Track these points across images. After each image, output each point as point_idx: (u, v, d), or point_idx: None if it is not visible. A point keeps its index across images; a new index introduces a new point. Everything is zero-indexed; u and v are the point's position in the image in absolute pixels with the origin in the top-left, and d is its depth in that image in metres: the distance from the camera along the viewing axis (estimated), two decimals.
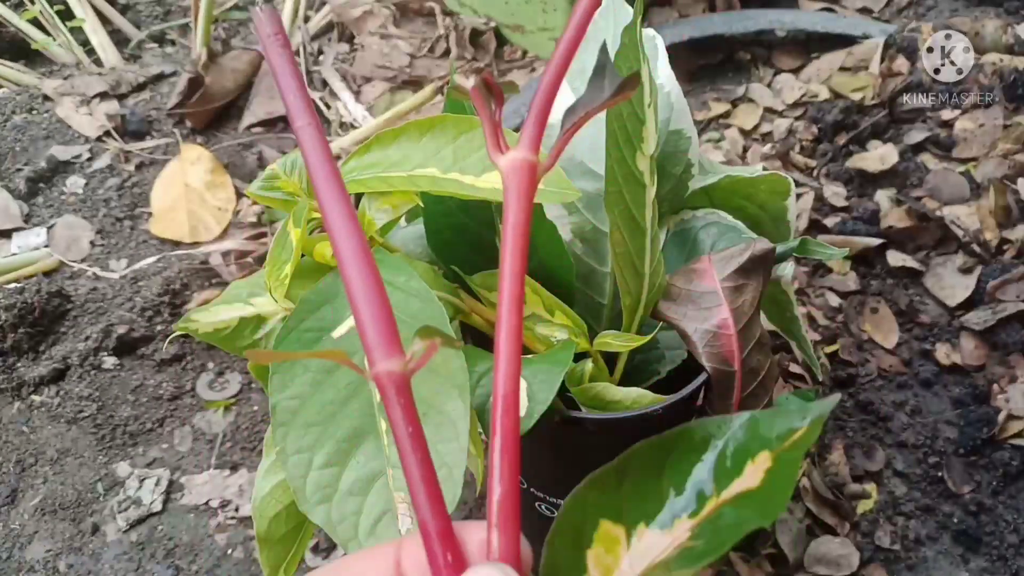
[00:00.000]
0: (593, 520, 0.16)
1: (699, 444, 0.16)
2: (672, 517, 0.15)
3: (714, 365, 0.34)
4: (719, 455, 0.15)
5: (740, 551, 0.49)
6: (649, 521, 0.16)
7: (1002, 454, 0.52)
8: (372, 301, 0.17)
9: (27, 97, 0.78)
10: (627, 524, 0.16)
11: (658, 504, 0.15)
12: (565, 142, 0.17)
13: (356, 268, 0.17)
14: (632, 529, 0.16)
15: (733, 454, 0.15)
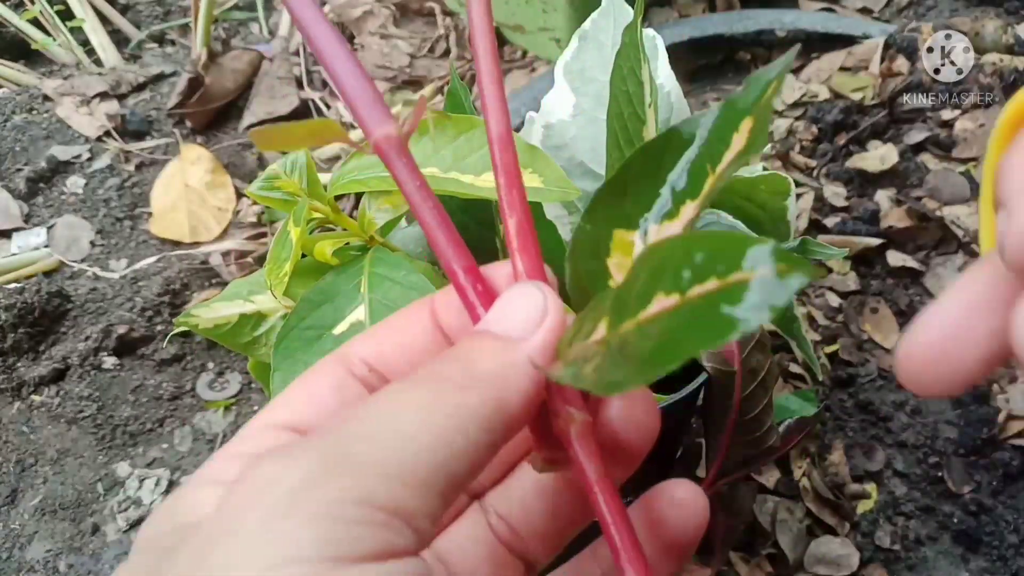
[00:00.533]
0: (607, 231, 0.17)
1: (687, 140, 0.16)
2: (677, 205, 0.16)
3: (714, 365, 0.34)
4: (707, 139, 0.16)
5: (740, 551, 0.49)
6: (657, 218, 0.16)
7: (1002, 454, 0.52)
8: (356, 77, 0.17)
9: (27, 97, 0.78)
10: (638, 228, 0.17)
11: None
12: None
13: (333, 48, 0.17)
14: (645, 231, 0.17)
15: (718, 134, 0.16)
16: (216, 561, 0.12)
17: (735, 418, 0.36)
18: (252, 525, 0.12)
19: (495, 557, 0.19)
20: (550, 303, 0.17)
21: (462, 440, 0.14)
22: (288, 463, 0.13)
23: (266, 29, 0.87)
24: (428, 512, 0.14)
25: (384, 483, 0.13)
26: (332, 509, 0.12)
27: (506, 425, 0.15)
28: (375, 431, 0.14)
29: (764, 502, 0.51)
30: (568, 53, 0.38)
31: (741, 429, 0.37)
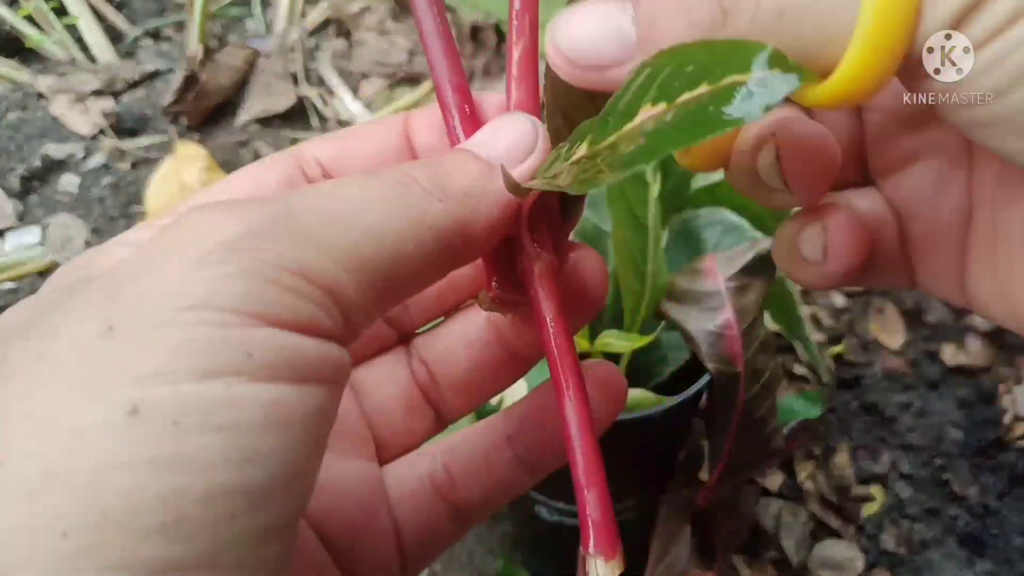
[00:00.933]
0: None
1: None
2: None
3: (717, 366, 0.34)
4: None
5: (743, 554, 0.49)
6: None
7: (1008, 456, 0.52)
8: None
9: (21, 95, 0.77)
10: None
11: None
12: None
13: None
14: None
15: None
16: (129, 293, 0.11)
17: (738, 420, 0.36)
18: (176, 266, 0.12)
19: (408, 399, 0.19)
20: (541, 137, 0.16)
21: (414, 247, 0.14)
22: (226, 216, 0.12)
23: (262, 26, 0.87)
24: (362, 304, 0.13)
25: (325, 259, 0.12)
26: (265, 269, 0.12)
27: (463, 248, 0.15)
28: (326, 206, 0.13)
29: (768, 505, 0.50)
30: None
31: (745, 431, 0.36)
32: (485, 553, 0.50)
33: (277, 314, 0.12)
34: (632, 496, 0.39)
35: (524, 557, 0.49)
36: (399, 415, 0.19)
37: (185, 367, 0.11)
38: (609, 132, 0.13)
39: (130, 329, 0.11)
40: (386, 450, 0.19)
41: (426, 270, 0.14)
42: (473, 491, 0.19)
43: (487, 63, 0.81)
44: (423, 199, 0.14)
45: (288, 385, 0.12)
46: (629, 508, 0.40)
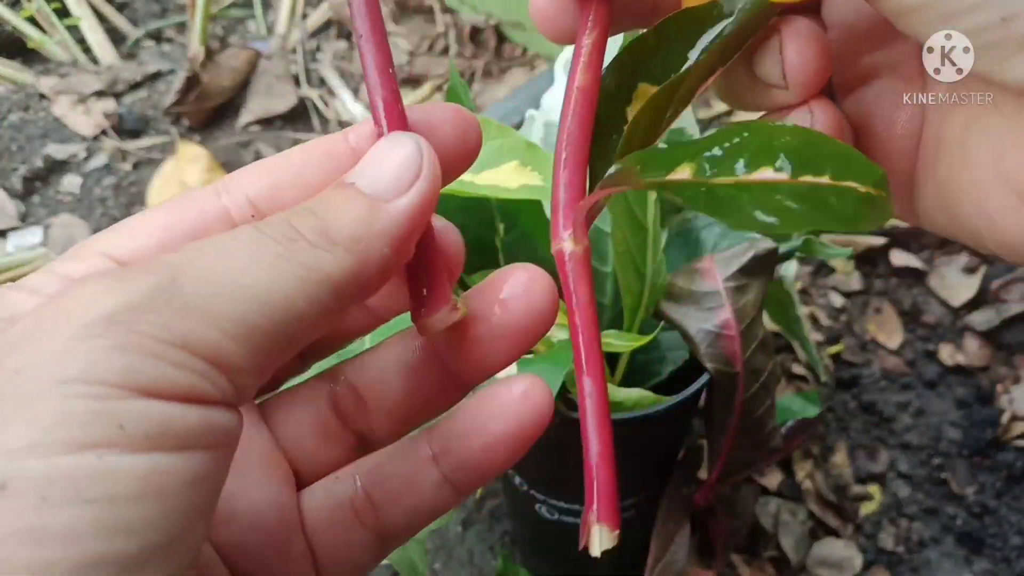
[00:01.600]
0: (631, 82, 0.18)
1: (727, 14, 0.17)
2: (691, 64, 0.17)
3: (716, 366, 0.34)
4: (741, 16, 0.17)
5: (742, 553, 0.49)
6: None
7: (1006, 455, 0.52)
8: None
9: (23, 95, 0.77)
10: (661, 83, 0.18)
11: None
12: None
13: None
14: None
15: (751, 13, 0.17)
16: (10, 364, 0.11)
17: (737, 419, 0.36)
18: (59, 338, 0.12)
19: (324, 427, 0.18)
20: (426, 159, 0.15)
21: (305, 304, 0.13)
22: (112, 287, 0.12)
23: (264, 27, 0.87)
24: (252, 368, 0.13)
25: (208, 329, 0.12)
26: (145, 343, 0.12)
27: (359, 292, 0.15)
28: (211, 272, 0.13)
29: (766, 504, 0.50)
30: (569, 50, 0.38)
31: (743, 430, 0.36)
32: (485, 552, 0.50)
33: (155, 386, 0.12)
34: (632, 495, 0.39)
35: (524, 556, 0.49)
36: (314, 444, 0.18)
37: (57, 440, 0.11)
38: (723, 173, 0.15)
39: (6, 402, 0.11)
40: (303, 476, 0.18)
41: (322, 321, 0.14)
42: (396, 515, 0.18)
43: (487, 64, 0.81)
44: (310, 254, 0.14)
45: (166, 454, 0.12)
46: (628, 507, 0.40)
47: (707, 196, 0.15)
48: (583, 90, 0.17)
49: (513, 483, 0.41)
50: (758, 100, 0.17)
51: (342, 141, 0.17)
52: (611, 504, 0.16)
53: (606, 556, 0.17)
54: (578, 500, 0.39)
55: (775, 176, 0.14)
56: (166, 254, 0.14)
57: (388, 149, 0.16)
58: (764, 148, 0.15)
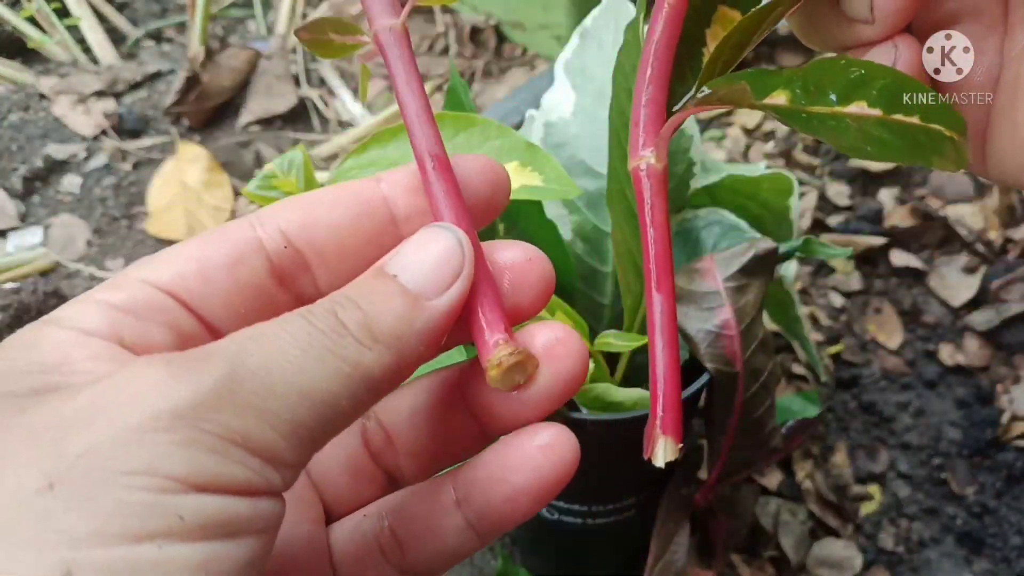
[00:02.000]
0: (712, 4, 0.18)
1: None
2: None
3: (716, 366, 0.34)
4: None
5: (742, 553, 0.49)
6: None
7: (1006, 455, 0.52)
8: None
9: (23, 95, 0.77)
10: (742, 7, 0.18)
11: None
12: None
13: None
14: (747, 11, 0.18)
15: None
16: (72, 449, 0.12)
17: (737, 419, 0.36)
18: (124, 427, 0.12)
19: (356, 465, 0.19)
20: (467, 257, 0.16)
21: (346, 401, 0.14)
22: (177, 376, 0.13)
23: (264, 27, 0.87)
24: (297, 461, 0.14)
25: (264, 428, 0.13)
26: (207, 440, 0.12)
27: (391, 387, 0.15)
28: (267, 368, 0.13)
29: (766, 504, 0.50)
30: (569, 50, 0.38)
31: (743, 430, 0.36)
32: (485, 552, 0.50)
33: (214, 481, 0.12)
34: (631, 495, 0.39)
35: (524, 556, 0.49)
36: (346, 480, 0.19)
37: (119, 530, 0.11)
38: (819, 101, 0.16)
39: (70, 488, 0.12)
40: (332, 511, 0.19)
41: (357, 414, 0.15)
42: (420, 555, 0.18)
43: (487, 64, 0.81)
44: (355, 350, 0.14)
45: (220, 542, 0.12)
46: (628, 507, 0.40)
47: (807, 120, 0.16)
48: (673, 7, 0.17)
49: None
50: (843, 35, 0.17)
51: (374, 186, 0.17)
52: (676, 417, 0.17)
53: (606, 555, 0.17)
54: (579, 500, 0.39)
55: (868, 111, 0.15)
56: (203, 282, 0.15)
57: (431, 242, 0.16)
58: (856, 84, 0.16)
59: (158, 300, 0.15)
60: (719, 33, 0.18)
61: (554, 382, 0.17)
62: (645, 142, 0.17)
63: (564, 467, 0.17)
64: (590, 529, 0.41)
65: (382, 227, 0.17)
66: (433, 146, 0.17)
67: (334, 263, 0.17)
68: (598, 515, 0.40)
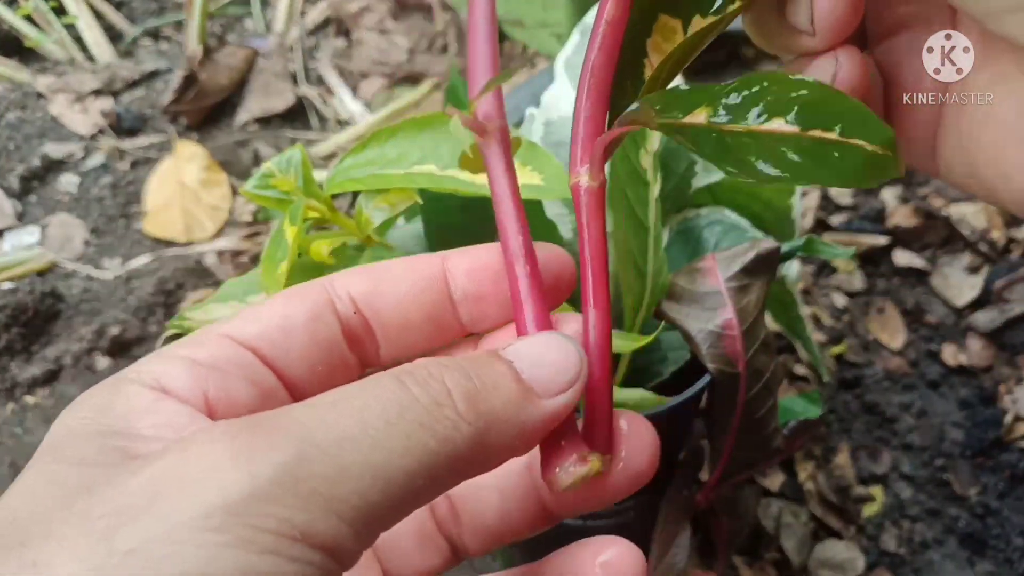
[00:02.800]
0: (652, 14, 0.18)
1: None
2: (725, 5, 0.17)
3: (718, 366, 0.34)
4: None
5: (743, 554, 0.49)
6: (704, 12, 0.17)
7: (1009, 456, 0.52)
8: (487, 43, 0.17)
9: (20, 94, 0.77)
10: (683, 17, 0.18)
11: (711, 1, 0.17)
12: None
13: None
14: (688, 21, 0.17)
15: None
16: (123, 543, 0.12)
17: (739, 420, 0.36)
18: (175, 523, 0.12)
19: (422, 532, 0.18)
20: (583, 372, 0.16)
21: (423, 480, 0.13)
22: (237, 462, 0.12)
23: (262, 25, 0.86)
24: (361, 546, 0.13)
25: (328, 517, 0.12)
26: (262, 538, 0.12)
27: (476, 473, 0.14)
28: (341, 445, 0.12)
29: (768, 505, 0.50)
30: (569, 48, 0.37)
31: (745, 431, 0.36)
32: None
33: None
34: (632, 496, 0.39)
35: (523, 557, 0.49)
36: (411, 547, 0.18)
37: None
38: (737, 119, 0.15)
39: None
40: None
41: (433, 494, 0.14)
42: None
43: None
44: (450, 426, 0.13)
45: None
46: (629, 508, 0.40)
47: (715, 143, 0.15)
48: (612, 23, 0.17)
49: None
50: (787, 44, 0.17)
51: (439, 263, 0.18)
52: (603, 431, 0.17)
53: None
54: None
55: (785, 128, 0.14)
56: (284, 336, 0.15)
57: (555, 346, 0.16)
58: (781, 99, 0.15)
59: (239, 355, 0.15)
60: (659, 43, 0.18)
61: (624, 477, 0.17)
62: (581, 159, 0.17)
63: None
64: (591, 530, 0.40)
65: (442, 305, 0.18)
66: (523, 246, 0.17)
67: (394, 334, 0.17)
68: (598, 516, 0.40)
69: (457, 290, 0.18)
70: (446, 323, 0.17)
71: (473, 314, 0.18)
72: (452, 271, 0.18)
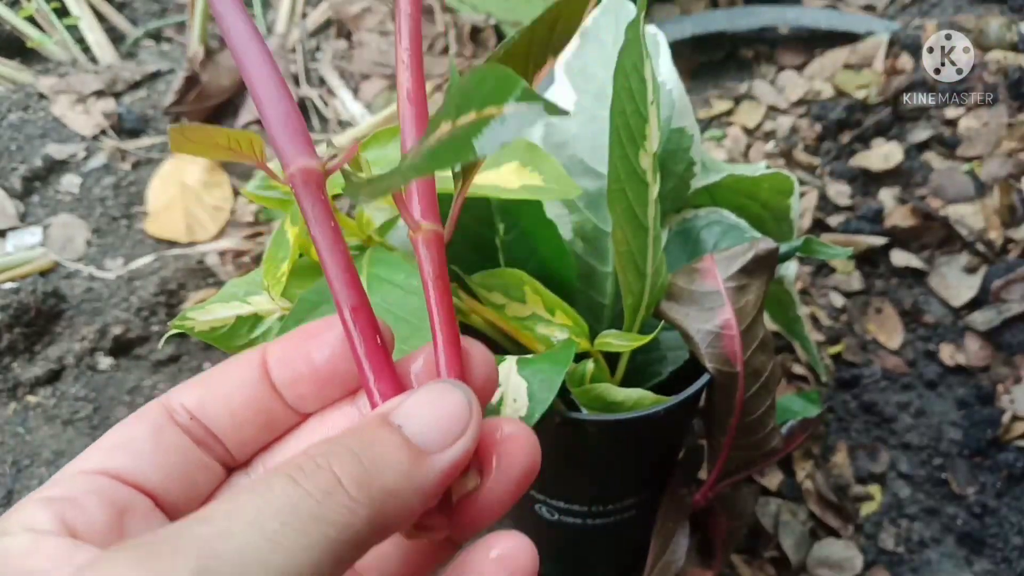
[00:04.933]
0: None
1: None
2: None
3: (716, 366, 0.34)
4: None
5: (742, 553, 0.49)
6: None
7: (1006, 456, 0.52)
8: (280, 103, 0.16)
9: (23, 95, 0.77)
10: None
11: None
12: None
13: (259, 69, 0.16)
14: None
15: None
16: None
17: (737, 419, 0.36)
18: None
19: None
20: (474, 416, 0.16)
21: (329, 566, 0.13)
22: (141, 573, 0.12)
23: (263, 26, 0.87)
24: None
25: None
26: None
27: (380, 541, 0.14)
28: (241, 552, 0.13)
29: (767, 504, 0.50)
30: (569, 50, 0.37)
31: (743, 431, 0.36)
32: None
33: None
34: (631, 495, 0.39)
35: None
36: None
37: None
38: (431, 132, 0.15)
39: None
40: None
41: (341, 572, 0.14)
42: None
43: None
44: (347, 511, 0.14)
45: None
46: (628, 507, 0.40)
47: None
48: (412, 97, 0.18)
49: None
50: None
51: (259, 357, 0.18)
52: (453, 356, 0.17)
53: (606, 556, 0.17)
54: (579, 501, 0.39)
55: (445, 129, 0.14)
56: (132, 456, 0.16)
57: (439, 397, 0.16)
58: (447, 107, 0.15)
59: (90, 482, 0.16)
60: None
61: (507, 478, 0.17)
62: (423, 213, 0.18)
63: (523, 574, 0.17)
64: (590, 529, 0.41)
65: (267, 397, 0.18)
66: (352, 296, 0.17)
67: (232, 433, 0.18)
68: (598, 515, 0.40)
69: (276, 379, 0.18)
70: (277, 413, 0.18)
71: (294, 398, 0.18)
72: (271, 363, 0.18)
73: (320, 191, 0.16)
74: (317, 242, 0.16)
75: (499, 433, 0.17)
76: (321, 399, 0.18)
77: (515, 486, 0.17)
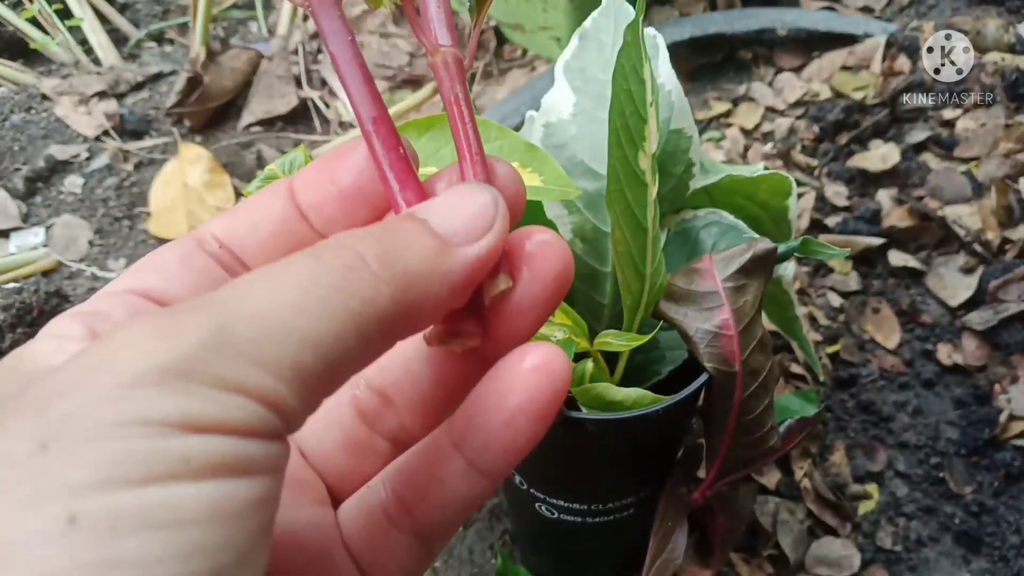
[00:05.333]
0: None
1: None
2: None
3: (715, 366, 0.34)
4: None
5: (740, 552, 0.49)
6: None
7: (1004, 455, 0.52)
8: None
9: (25, 96, 0.77)
10: None
11: None
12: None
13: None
14: None
15: None
16: (58, 411, 0.11)
17: (736, 419, 0.36)
18: (110, 385, 0.12)
19: (353, 439, 0.18)
20: (500, 213, 0.16)
21: (355, 342, 0.13)
22: (162, 332, 0.12)
23: (265, 28, 0.87)
24: (303, 407, 0.13)
25: (262, 376, 0.12)
26: (201, 390, 0.12)
27: (406, 332, 0.14)
28: (261, 314, 0.13)
29: (765, 503, 0.51)
30: (568, 52, 0.38)
31: (742, 430, 0.37)
32: (485, 550, 0.50)
33: (216, 423, 0.12)
34: (631, 494, 0.40)
35: (523, 554, 0.50)
36: (345, 457, 0.18)
37: (122, 477, 0.11)
38: None
39: (63, 445, 0.11)
40: (339, 492, 0.18)
41: (369, 356, 0.14)
42: (429, 513, 0.17)
43: (487, 65, 0.81)
44: (370, 286, 0.13)
45: (229, 480, 0.12)
46: (628, 506, 0.40)
47: None
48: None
49: (513, 482, 0.41)
50: None
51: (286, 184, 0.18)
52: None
53: (605, 554, 0.17)
54: (578, 499, 0.39)
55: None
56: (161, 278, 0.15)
57: (466, 195, 0.16)
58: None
59: (120, 299, 0.16)
60: None
61: (545, 282, 0.17)
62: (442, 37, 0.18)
63: (559, 383, 0.16)
64: (589, 528, 0.41)
65: (293, 220, 0.18)
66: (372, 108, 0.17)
67: (258, 256, 0.18)
68: (597, 514, 0.40)
69: (303, 203, 0.18)
70: (303, 236, 0.17)
71: (321, 222, 0.18)
72: (298, 188, 0.18)
73: (336, 6, 0.17)
74: (335, 57, 0.17)
75: (530, 241, 0.17)
76: (348, 221, 0.18)
77: (549, 293, 0.17)
